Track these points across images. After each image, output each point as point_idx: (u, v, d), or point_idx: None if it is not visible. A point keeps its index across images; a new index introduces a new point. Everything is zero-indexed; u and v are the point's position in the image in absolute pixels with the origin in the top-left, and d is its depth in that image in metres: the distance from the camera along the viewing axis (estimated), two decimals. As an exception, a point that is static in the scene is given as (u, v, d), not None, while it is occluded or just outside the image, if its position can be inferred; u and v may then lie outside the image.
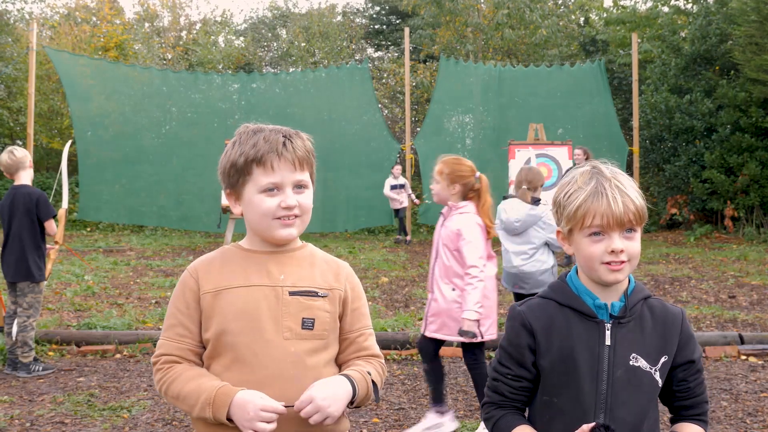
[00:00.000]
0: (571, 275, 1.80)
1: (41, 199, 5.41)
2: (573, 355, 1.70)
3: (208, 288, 1.80)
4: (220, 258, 1.87)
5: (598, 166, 1.74)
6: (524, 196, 5.26)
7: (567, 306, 1.75)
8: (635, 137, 14.44)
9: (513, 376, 1.77)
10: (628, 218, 1.66)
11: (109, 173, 14.40)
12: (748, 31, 13.42)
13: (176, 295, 1.84)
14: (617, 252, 1.67)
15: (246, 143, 1.83)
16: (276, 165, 1.79)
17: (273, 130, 1.85)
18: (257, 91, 15.61)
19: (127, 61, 19.48)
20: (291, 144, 1.82)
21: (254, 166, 1.79)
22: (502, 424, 1.77)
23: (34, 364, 5.40)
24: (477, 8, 20.11)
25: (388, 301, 8.03)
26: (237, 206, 1.86)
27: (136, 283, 9.15)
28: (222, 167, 1.86)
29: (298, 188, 1.82)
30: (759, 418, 4.44)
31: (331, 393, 1.73)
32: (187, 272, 1.86)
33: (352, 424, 4.37)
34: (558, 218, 1.77)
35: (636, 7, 19.54)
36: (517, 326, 1.76)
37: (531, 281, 5.19)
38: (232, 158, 1.83)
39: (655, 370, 1.73)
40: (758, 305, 7.61)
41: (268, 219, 1.80)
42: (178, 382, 1.76)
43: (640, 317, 1.75)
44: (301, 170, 1.82)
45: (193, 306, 1.80)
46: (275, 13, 28.44)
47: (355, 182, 14.84)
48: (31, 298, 5.42)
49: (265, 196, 1.79)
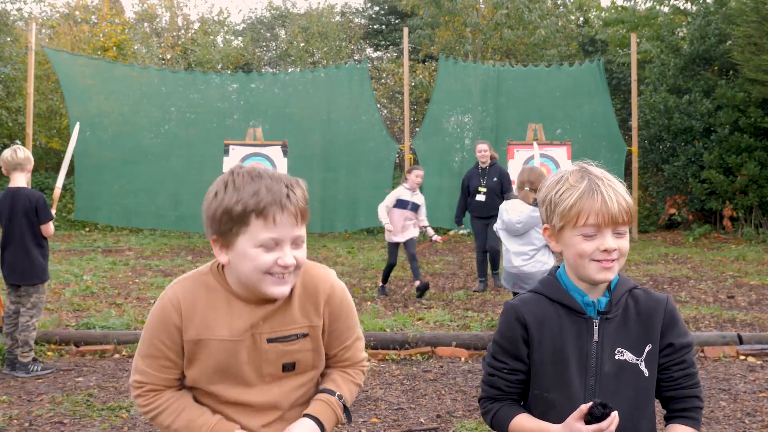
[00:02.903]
0: (560, 272, 1.82)
1: (40, 202, 5.40)
2: (564, 351, 1.73)
3: (191, 335, 1.74)
4: (205, 293, 1.77)
5: (585, 165, 1.77)
6: (526, 197, 5.26)
7: (557, 302, 1.77)
8: (634, 137, 14.45)
9: (509, 370, 1.79)
10: (621, 217, 1.69)
11: (107, 173, 14.39)
12: (747, 32, 13.42)
13: (157, 325, 1.76)
14: (610, 251, 1.69)
15: (244, 190, 1.65)
16: (279, 219, 1.65)
17: (274, 179, 1.69)
18: (256, 91, 15.60)
19: (126, 61, 19.46)
20: (294, 195, 1.68)
21: (253, 217, 1.64)
22: (501, 415, 1.80)
23: (32, 364, 5.40)
24: (476, 8, 20.11)
25: (387, 301, 8.03)
26: (223, 254, 1.71)
27: (135, 283, 9.15)
28: (211, 211, 1.68)
29: (294, 243, 1.70)
30: (758, 418, 4.44)
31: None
32: (169, 303, 1.76)
33: (351, 424, 4.37)
34: (547, 216, 1.78)
35: (635, 7, 19.54)
36: (511, 320, 1.78)
37: (531, 281, 5.19)
38: (226, 204, 1.65)
39: (640, 360, 1.75)
40: (757, 305, 7.62)
41: (260, 274, 1.67)
42: (168, 413, 1.77)
43: (624, 310, 1.77)
44: (302, 224, 1.70)
45: (178, 341, 1.76)
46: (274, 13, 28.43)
47: (354, 182, 14.83)
48: (35, 298, 5.43)
49: (262, 251, 1.65)
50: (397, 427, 4.33)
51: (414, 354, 5.91)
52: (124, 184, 14.55)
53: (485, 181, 8.94)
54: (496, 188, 8.87)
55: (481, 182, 8.98)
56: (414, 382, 5.25)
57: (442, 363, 5.75)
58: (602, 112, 14.85)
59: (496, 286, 8.69)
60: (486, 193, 8.87)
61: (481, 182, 8.98)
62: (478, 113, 15.39)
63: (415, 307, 7.68)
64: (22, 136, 17.37)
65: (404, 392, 5.01)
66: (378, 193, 14.35)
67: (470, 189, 9.08)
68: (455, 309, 7.62)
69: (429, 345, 6.06)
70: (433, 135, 15.05)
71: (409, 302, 8.00)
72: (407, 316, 7.13)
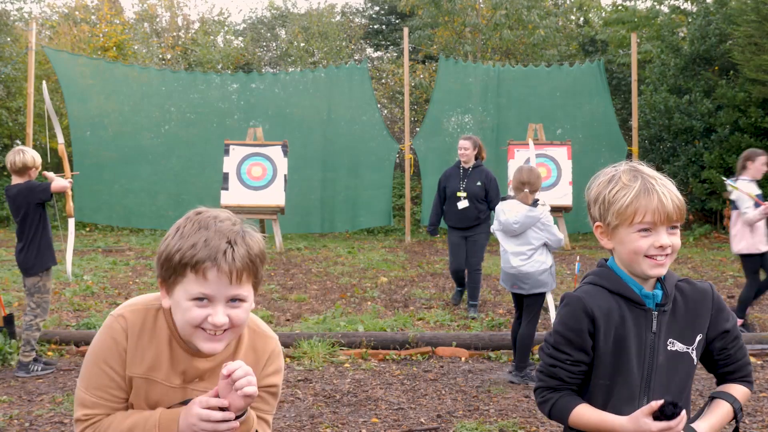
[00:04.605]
0: (611, 264, 1.88)
1: (31, 184, 5.42)
2: (626, 341, 1.80)
3: (134, 371, 1.72)
4: (150, 329, 1.73)
5: (635, 164, 1.84)
6: (525, 198, 5.26)
7: (617, 293, 1.83)
8: (634, 137, 14.44)
9: (572, 361, 1.84)
10: (676, 214, 1.76)
11: (107, 173, 14.38)
12: (748, 32, 13.42)
13: (107, 351, 1.71)
14: (665, 247, 1.76)
15: (187, 239, 1.64)
16: (210, 276, 1.61)
17: (218, 232, 1.63)
18: (256, 91, 15.59)
19: (126, 61, 19.46)
20: (232, 253, 1.61)
21: (189, 269, 1.61)
22: (561, 405, 1.85)
23: (33, 363, 5.40)
24: (475, 8, 20.11)
25: (387, 301, 8.03)
26: (166, 299, 1.69)
27: (135, 283, 9.15)
28: (159, 253, 1.68)
29: (232, 302, 1.65)
30: (758, 418, 4.44)
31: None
32: (119, 326, 1.72)
33: (351, 424, 4.37)
34: (601, 214, 1.84)
35: (635, 7, 19.54)
36: (578, 312, 1.83)
37: (530, 281, 5.19)
38: (168, 251, 1.65)
39: (692, 349, 1.84)
40: (757, 305, 7.61)
41: (191, 327, 1.65)
42: (114, 427, 1.71)
43: (673, 302, 1.85)
44: (238, 283, 1.63)
45: (123, 368, 1.72)
46: (274, 13, 28.41)
47: (354, 182, 14.83)
48: (38, 298, 5.44)
49: (193, 305, 1.63)
50: (397, 427, 4.33)
51: (414, 354, 5.91)
52: (124, 184, 14.54)
53: (465, 185, 7.48)
54: (479, 194, 7.42)
55: (460, 185, 7.52)
56: (414, 382, 5.25)
57: (442, 363, 5.75)
58: (602, 112, 14.85)
59: (468, 316, 7.20)
60: (467, 199, 7.44)
61: (460, 185, 7.52)
62: (479, 113, 15.39)
63: (415, 307, 7.68)
64: (22, 136, 17.37)
65: (404, 392, 5.01)
66: (378, 193, 14.38)
67: (447, 192, 7.61)
68: (455, 309, 7.63)
69: (429, 345, 6.06)
70: (434, 135, 15.05)
71: (409, 302, 8.00)
72: (407, 316, 7.13)
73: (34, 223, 5.43)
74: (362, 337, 6.09)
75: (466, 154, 7.52)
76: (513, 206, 5.28)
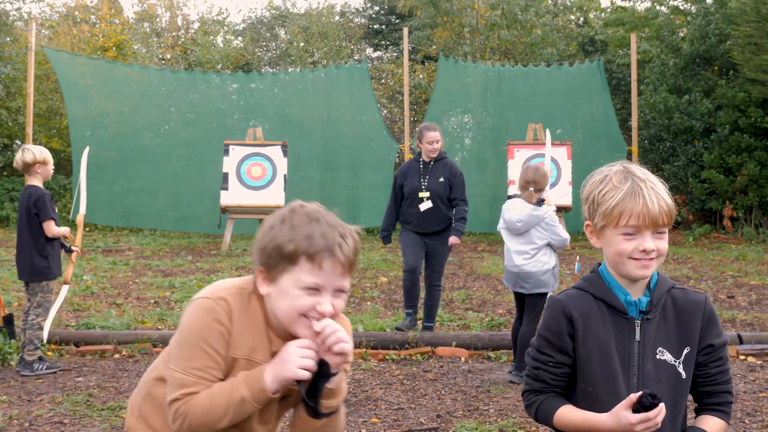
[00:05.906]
0: (602, 269, 1.87)
1: (39, 198, 5.43)
2: (609, 348, 1.79)
3: (238, 352, 1.74)
4: (248, 314, 1.76)
5: (629, 165, 1.83)
6: (530, 198, 5.26)
7: (601, 299, 1.82)
8: (634, 137, 14.44)
9: (554, 363, 1.84)
10: (662, 219, 1.75)
11: (107, 173, 14.37)
12: (747, 32, 13.42)
13: (210, 332, 1.72)
14: (648, 251, 1.75)
15: (298, 230, 1.69)
16: (326, 266, 1.68)
17: (330, 226, 1.72)
18: (256, 91, 15.59)
19: (125, 61, 19.45)
20: (346, 246, 1.71)
21: (303, 259, 1.68)
22: (545, 406, 1.86)
23: (37, 362, 5.41)
24: (474, 8, 20.11)
25: (387, 301, 8.03)
26: (265, 286, 1.73)
27: (135, 283, 9.15)
28: (263, 243, 1.72)
29: (337, 292, 1.73)
30: (758, 418, 4.44)
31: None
32: (221, 309, 1.73)
33: (350, 424, 4.37)
34: (590, 214, 1.84)
35: (635, 7, 19.54)
36: (558, 315, 1.84)
37: (532, 281, 5.19)
38: (279, 241, 1.69)
39: (678, 363, 1.81)
40: (757, 305, 7.62)
41: (296, 314, 1.70)
42: (201, 398, 1.70)
43: (663, 310, 1.83)
44: (347, 275, 1.73)
45: (225, 350, 1.74)
46: (274, 13, 28.42)
47: (354, 182, 14.82)
48: (41, 298, 5.46)
49: (304, 293, 1.68)
50: (397, 427, 4.33)
51: (414, 354, 5.91)
52: (124, 184, 14.53)
53: (427, 182, 6.21)
54: (443, 193, 6.16)
55: (421, 183, 6.22)
56: (414, 382, 5.25)
57: (442, 363, 5.75)
58: (602, 112, 14.84)
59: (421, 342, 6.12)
60: (430, 199, 6.16)
61: (421, 183, 6.22)
62: (478, 113, 15.39)
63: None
64: (22, 136, 17.37)
65: (404, 392, 5.01)
66: (378, 193, 14.36)
67: (405, 191, 6.30)
68: (455, 309, 7.62)
69: (429, 345, 6.07)
70: (433, 135, 15.02)
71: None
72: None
73: (26, 227, 5.48)
74: (362, 336, 6.09)
75: (437, 148, 6.24)
76: (517, 205, 5.28)
